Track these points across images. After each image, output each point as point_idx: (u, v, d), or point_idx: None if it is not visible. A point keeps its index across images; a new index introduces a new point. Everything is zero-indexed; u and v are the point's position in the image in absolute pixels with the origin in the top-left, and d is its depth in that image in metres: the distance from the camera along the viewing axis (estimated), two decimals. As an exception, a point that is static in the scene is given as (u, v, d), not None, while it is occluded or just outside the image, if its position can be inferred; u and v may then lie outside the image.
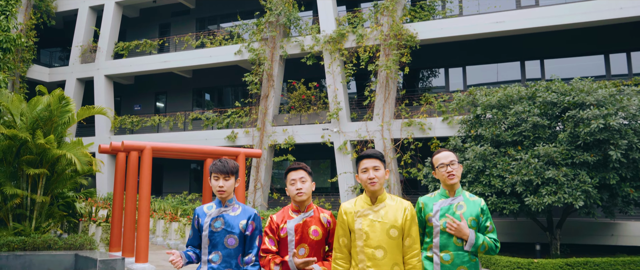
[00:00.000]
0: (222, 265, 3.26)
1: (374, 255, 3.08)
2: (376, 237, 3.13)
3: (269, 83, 18.81)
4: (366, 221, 3.18)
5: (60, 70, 22.96)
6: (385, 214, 3.19)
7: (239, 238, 3.33)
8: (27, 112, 10.85)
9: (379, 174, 3.26)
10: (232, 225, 3.34)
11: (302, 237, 3.30)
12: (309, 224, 3.35)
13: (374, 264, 3.06)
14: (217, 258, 3.28)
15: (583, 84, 12.52)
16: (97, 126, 21.54)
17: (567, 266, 11.66)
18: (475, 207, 3.45)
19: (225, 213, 3.37)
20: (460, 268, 3.32)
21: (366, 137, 17.10)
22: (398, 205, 3.25)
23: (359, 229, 3.16)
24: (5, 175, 10.58)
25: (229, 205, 3.40)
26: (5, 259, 9.77)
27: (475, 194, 12.35)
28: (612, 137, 11.31)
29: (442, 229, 3.38)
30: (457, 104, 14.70)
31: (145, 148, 10.02)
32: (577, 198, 11.11)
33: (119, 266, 9.12)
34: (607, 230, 14.40)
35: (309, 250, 3.30)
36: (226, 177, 3.35)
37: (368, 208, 3.23)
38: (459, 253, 3.33)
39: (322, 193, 19.95)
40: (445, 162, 3.49)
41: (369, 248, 3.10)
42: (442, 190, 3.54)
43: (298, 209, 3.41)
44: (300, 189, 3.34)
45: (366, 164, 3.27)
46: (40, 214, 11.07)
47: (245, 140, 18.94)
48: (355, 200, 3.32)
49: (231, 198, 3.42)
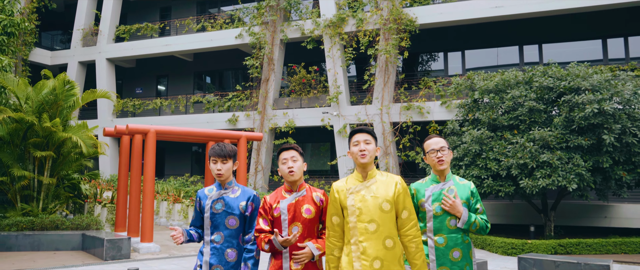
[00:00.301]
0: (225, 245, 3.37)
1: (367, 229, 3.13)
2: (369, 212, 3.19)
3: (270, 67, 18.97)
4: (358, 197, 3.22)
5: (62, 54, 23.09)
6: (376, 189, 3.23)
7: (240, 219, 3.44)
8: (32, 95, 11.07)
9: (370, 147, 3.29)
10: (232, 206, 3.44)
11: (295, 216, 3.34)
12: (301, 203, 3.39)
13: (367, 238, 3.12)
14: (219, 238, 3.38)
15: (579, 69, 12.71)
16: (99, 109, 21.76)
17: (559, 247, 11.99)
18: (465, 190, 3.56)
19: (225, 195, 3.47)
20: (454, 250, 3.43)
21: (365, 120, 17.32)
22: (389, 180, 3.28)
23: (351, 205, 3.20)
24: (13, 158, 10.84)
25: (229, 188, 3.50)
26: (15, 238, 10.09)
27: (472, 177, 12.63)
28: (606, 122, 11.55)
29: (435, 214, 3.48)
30: (455, 89, 14.90)
31: (149, 131, 10.26)
32: (570, 181, 11.39)
33: (125, 245, 9.43)
34: (600, 212, 14.72)
35: (302, 228, 3.34)
36: (224, 161, 3.45)
37: (359, 184, 3.26)
38: (452, 236, 3.44)
39: (322, 175, 20.25)
40: (435, 148, 3.57)
41: (362, 223, 3.16)
42: (433, 176, 3.63)
43: (290, 189, 3.46)
44: (291, 168, 3.40)
45: (358, 137, 3.32)
46: (47, 195, 11.36)
47: (246, 123, 19.17)
48: (346, 179, 3.36)
49: (230, 180, 3.52)
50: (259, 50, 18.99)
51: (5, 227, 10.25)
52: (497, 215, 15.60)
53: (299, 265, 3.28)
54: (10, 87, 10.84)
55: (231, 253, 3.38)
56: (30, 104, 11.11)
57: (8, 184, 11.02)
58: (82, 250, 10.27)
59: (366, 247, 3.12)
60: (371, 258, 3.10)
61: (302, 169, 3.45)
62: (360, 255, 3.13)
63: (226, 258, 3.37)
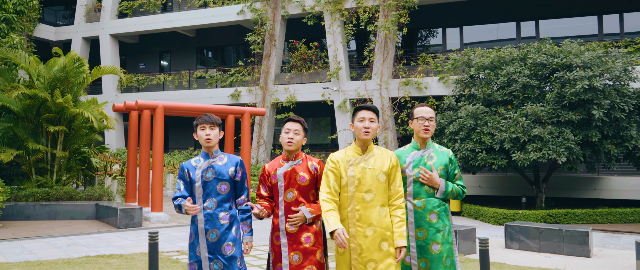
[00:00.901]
0: (218, 210, 3.54)
1: (364, 198, 3.37)
2: (367, 183, 3.41)
3: (271, 43, 19.31)
4: (358, 169, 3.44)
5: (65, 30, 23.37)
6: (374, 161, 3.45)
7: (230, 184, 3.62)
8: (44, 72, 11.50)
9: (374, 125, 3.48)
10: (222, 173, 3.59)
11: (290, 182, 3.56)
12: (297, 170, 3.61)
13: (363, 207, 3.36)
14: (212, 204, 3.55)
15: (571, 46, 13.09)
16: (104, 84, 22.16)
17: (549, 217, 12.59)
18: (444, 157, 3.73)
19: (214, 163, 3.61)
20: (431, 213, 3.60)
21: (365, 95, 17.76)
22: (384, 154, 3.53)
23: (351, 176, 3.42)
24: (27, 132, 11.35)
25: (216, 156, 3.64)
26: (32, 208, 10.67)
27: (467, 150, 13.15)
28: (596, 98, 12.00)
29: (415, 179, 3.66)
30: (452, 65, 15.28)
31: (158, 107, 10.74)
32: (560, 154, 11.90)
33: (137, 215, 10.00)
34: (590, 184, 15.29)
35: (297, 193, 3.56)
36: (212, 127, 3.59)
37: (359, 157, 3.48)
38: (430, 199, 3.63)
39: (322, 149, 20.78)
40: (425, 116, 3.71)
41: (360, 192, 3.38)
42: (414, 143, 3.80)
43: (288, 158, 3.66)
44: (291, 139, 3.61)
45: (363, 114, 3.48)
46: (60, 168, 11.91)
47: (249, 98, 19.61)
48: (345, 151, 3.57)
49: (216, 149, 3.66)
50: (261, 26, 19.30)
51: (22, 197, 10.82)
52: (491, 187, 16.19)
53: (294, 228, 3.52)
54: (22, 64, 11.27)
55: (224, 216, 3.54)
56: (41, 81, 11.55)
57: (23, 157, 11.55)
58: (96, 219, 10.86)
59: (362, 215, 3.35)
60: (366, 225, 3.33)
61: (301, 143, 3.66)
62: (355, 222, 3.35)
63: (220, 221, 3.52)
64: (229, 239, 3.52)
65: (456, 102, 14.66)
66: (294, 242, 3.51)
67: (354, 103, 18.30)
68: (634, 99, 12.36)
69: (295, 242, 3.51)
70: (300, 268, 3.48)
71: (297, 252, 3.50)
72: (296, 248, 3.50)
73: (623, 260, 7.27)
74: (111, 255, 6.81)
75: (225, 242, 3.50)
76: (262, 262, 6.57)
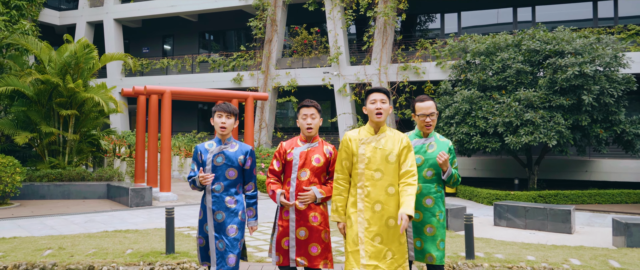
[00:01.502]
0: (224, 193, 3.72)
1: (373, 176, 3.52)
2: (376, 162, 3.55)
3: (273, 28, 19.68)
4: (369, 148, 3.59)
5: (70, 14, 23.70)
6: (385, 142, 3.58)
7: (238, 170, 3.76)
8: (55, 58, 11.95)
9: (385, 106, 3.59)
10: (232, 159, 3.74)
11: (305, 163, 3.76)
12: (312, 152, 3.81)
13: (372, 184, 3.51)
14: (220, 187, 3.72)
15: (564, 33, 13.51)
16: (108, 69, 22.58)
17: (539, 197, 13.15)
18: (444, 146, 3.91)
19: (225, 150, 3.75)
20: (427, 198, 3.81)
21: (364, 80, 18.21)
22: (396, 136, 3.63)
23: (361, 154, 3.58)
24: (40, 116, 11.84)
25: (228, 143, 3.78)
26: (47, 188, 11.22)
27: (462, 134, 13.65)
28: (586, 83, 12.46)
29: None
30: (449, 50, 15.71)
31: (165, 92, 11.21)
32: (551, 138, 12.41)
33: (147, 194, 10.56)
34: (581, 167, 15.83)
35: (310, 174, 3.76)
36: (228, 116, 3.73)
37: (371, 137, 3.62)
38: (426, 185, 3.83)
39: (322, 132, 21.28)
40: (426, 112, 3.88)
41: (369, 170, 3.53)
42: (417, 131, 3.99)
43: (305, 140, 3.85)
44: (310, 124, 3.77)
45: (375, 96, 3.60)
46: (72, 150, 12.42)
47: (251, 83, 20.05)
48: (359, 130, 3.71)
49: (230, 136, 3.80)
50: (262, 12, 19.66)
51: (37, 178, 11.36)
52: (485, 170, 16.73)
53: (304, 205, 3.71)
54: (35, 51, 11.71)
55: (230, 200, 3.73)
56: (52, 67, 12.00)
57: (37, 139, 12.06)
58: (107, 199, 11.42)
59: (370, 191, 3.49)
60: (373, 201, 3.48)
61: (318, 125, 3.83)
62: (364, 198, 3.50)
63: (226, 204, 3.71)
64: (234, 223, 3.70)
65: (452, 87, 15.12)
66: (301, 218, 3.70)
67: (353, 87, 18.76)
68: (622, 85, 12.82)
69: (303, 219, 3.70)
70: (306, 243, 3.68)
71: (304, 228, 3.69)
72: (303, 224, 3.69)
73: (602, 236, 7.82)
74: (127, 230, 7.36)
75: (230, 225, 3.69)
76: (266, 236, 7.11)
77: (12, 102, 12.31)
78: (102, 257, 5.49)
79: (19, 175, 10.01)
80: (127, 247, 6.01)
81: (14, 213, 9.47)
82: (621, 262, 5.42)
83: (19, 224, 8.37)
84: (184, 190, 13.12)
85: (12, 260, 5.29)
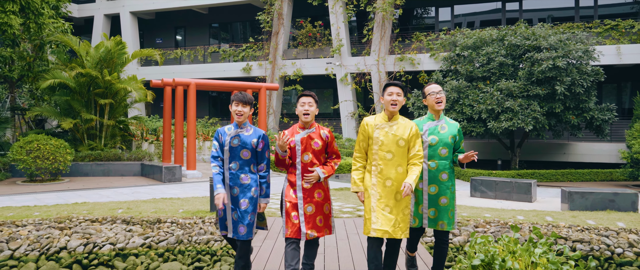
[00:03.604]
0: (239, 171, 4.19)
1: (385, 157, 4.04)
2: (388, 145, 4.05)
3: (280, 21, 21.30)
4: (382, 132, 4.09)
5: (88, 7, 25.26)
6: (397, 129, 4.08)
7: (251, 151, 4.19)
8: (93, 54, 13.64)
9: (400, 98, 4.06)
10: (246, 142, 4.17)
11: (306, 147, 4.16)
12: (312, 137, 4.19)
13: (384, 163, 4.03)
14: (235, 166, 4.18)
15: (541, 30, 15.16)
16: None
17: (517, 176, 14.91)
18: (454, 128, 4.39)
19: (241, 133, 4.19)
20: (442, 173, 4.28)
21: (364, 70, 19.87)
22: (407, 124, 4.12)
23: (376, 137, 4.09)
24: (81, 104, 13.56)
25: (244, 128, 4.22)
26: (90, 166, 12.98)
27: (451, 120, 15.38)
28: (559, 75, 14.14)
29: (430, 144, 4.31)
30: (441, 44, 17.36)
31: (191, 84, 12.92)
32: (528, 123, 14.12)
33: (177, 171, 12.32)
34: (560, 149, 17.57)
35: (312, 156, 4.17)
36: (244, 105, 4.16)
37: (385, 123, 4.12)
38: (441, 162, 4.28)
39: (325, 118, 23.01)
40: (435, 90, 4.36)
41: (382, 152, 4.05)
42: (430, 115, 4.40)
43: (304, 127, 4.21)
44: (307, 111, 4.15)
45: (392, 90, 4.08)
46: (107, 134, 14.17)
47: (259, 72, 21.72)
48: (375, 117, 4.20)
49: (245, 122, 4.24)
50: (270, 6, 21.25)
51: (79, 158, 13.12)
52: (474, 152, 18.45)
53: (309, 184, 4.15)
54: (75, 47, 13.39)
55: (244, 177, 4.19)
56: (89, 61, 13.69)
57: (78, 125, 13.80)
58: (141, 176, 13.19)
59: (382, 169, 4.04)
60: (385, 177, 4.03)
61: (315, 113, 4.22)
62: (377, 174, 4.06)
63: (240, 181, 4.17)
64: (246, 197, 4.16)
65: (443, 77, 16.80)
66: (308, 196, 4.14)
67: (354, 76, 20.44)
68: (591, 76, 14.50)
69: (309, 196, 4.14)
70: (313, 217, 4.13)
71: (311, 204, 4.13)
72: (310, 201, 4.13)
73: (555, 205, 9.58)
74: (171, 198, 9.10)
75: (243, 199, 4.16)
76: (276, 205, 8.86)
77: (52, 93, 14.02)
78: (163, 214, 7.26)
79: (70, 155, 11.77)
80: (179, 208, 7.77)
81: (69, 187, 11.25)
82: (554, 217, 7.18)
83: (79, 194, 10.15)
84: (204, 169, 14.90)
85: (97, 215, 7.05)
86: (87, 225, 6.47)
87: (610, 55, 16.53)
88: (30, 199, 9.35)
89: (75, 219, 6.74)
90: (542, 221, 6.83)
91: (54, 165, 11.46)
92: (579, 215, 7.40)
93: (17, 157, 11.18)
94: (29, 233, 6.07)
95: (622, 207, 8.21)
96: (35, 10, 11.24)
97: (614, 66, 17.98)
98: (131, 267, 5.73)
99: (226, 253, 5.99)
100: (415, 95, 16.67)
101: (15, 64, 14.00)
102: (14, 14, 10.59)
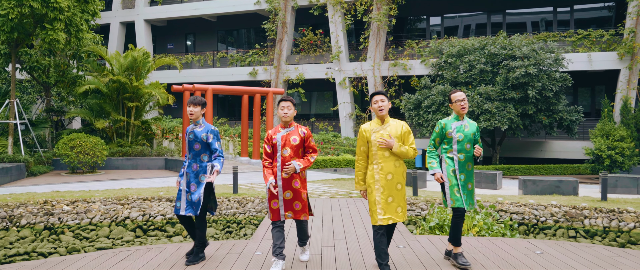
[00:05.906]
0: (192, 161, 4.87)
1: (384, 155, 4.51)
2: None
3: (283, 29, 23.23)
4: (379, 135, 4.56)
5: (104, 15, 27.16)
6: (390, 129, 4.55)
7: (202, 144, 4.84)
8: (122, 62, 15.58)
9: (385, 104, 4.52)
10: (198, 136, 4.84)
11: (286, 143, 4.66)
12: (290, 134, 4.71)
13: (384, 161, 4.50)
14: (190, 156, 4.89)
15: (517, 40, 17.08)
16: (141, 63, 26.17)
17: (495, 169, 16.82)
18: (474, 127, 4.96)
19: (195, 129, 4.88)
20: (469, 164, 4.86)
21: (361, 74, 21.80)
22: (397, 124, 4.60)
23: (373, 140, 4.55)
24: (112, 107, 15.49)
25: (198, 125, 4.90)
26: (120, 161, 14.92)
27: (437, 120, 17.29)
28: (531, 81, 16.06)
29: (458, 140, 4.84)
30: (429, 51, 19.30)
31: (208, 89, 14.84)
32: (503, 123, 16.04)
33: (197, 165, 14.24)
34: (537, 147, 19.49)
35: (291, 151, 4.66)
36: (195, 106, 4.82)
37: (379, 127, 4.59)
38: (467, 155, 4.85)
39: (325, 118, 24.97)
40: (460, 98, 4.86)
41: (381, 151, 4.52)
42: (455, 116, 4.93)
43: (284, 126, 4.74)
44: (286, 114, 4.66)
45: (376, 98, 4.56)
46: (133, 133, 16.11)
47: (264, 76, 23.65)
48: (370, 123, 4.66)
49: (199, 119, 4.89)
50: (275, 16, 23.20)
51: (110, 154, 15.06)
52: (460, 149, 20.33)
53: (287, 175, 4.65)
54: (106, 57, 15.33)
55: (195, 166, 4.85)
56: (118, 68, 15.63)
57: (109, 125, 15.74)
58: (165, 169, 15.12)
59: (383, 166, 4.52)
60: (386, 173, 4.51)
61: (293, 115, 4.73)
62: (379, 171, 4.53)
63: (192, 169, 4.85)
64: (194, 182, 4.85)
65: (431, 82, 18.73)
66: (286, 185, 4.68)
67: (351, 80, 22.37)
68: (560, 82, 16.42)
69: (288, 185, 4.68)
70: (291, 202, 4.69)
71: (289, 191, 4.68)
72: (288, 188, 4.67)
73: (514, 191, 11.50)
74: (197, 186, 11.01)
75: (192, 183, 4.88)
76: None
77: (84, 97, 15.95)
78: (196, 195, 9.17)
79: (106, 151, 13.70)
80: (207, 192, 9.69)
81: (107, 177, 13.19)
82: (504, 197, 9.11)
83: (119, 183, 12.07)
84: (219, 164, 16.82)
85: (146, 195, 8.97)
86: (141, 202, 8.40)
87: (582, 62, 18.45)
88: (82, 186, 11.29)
89: (131, 198, 8.67)
90: (494, 200, 8.75)
91: (93, 160, 13.38)
92: (525, 197, 9.32)
93: (62, 152, 13.11)
94: (99, 207, 8.01)
95: (565, 192, 10.14)
96: (76, 26, 13.13)
97: (587, 72, 19.90)
98: (179, 231, 7.67)
99: (249, 222, 7.91)
100: (406, 98, 18.58)
101: (51, 71, 15.93)
102: (61, 31, 12.49)
